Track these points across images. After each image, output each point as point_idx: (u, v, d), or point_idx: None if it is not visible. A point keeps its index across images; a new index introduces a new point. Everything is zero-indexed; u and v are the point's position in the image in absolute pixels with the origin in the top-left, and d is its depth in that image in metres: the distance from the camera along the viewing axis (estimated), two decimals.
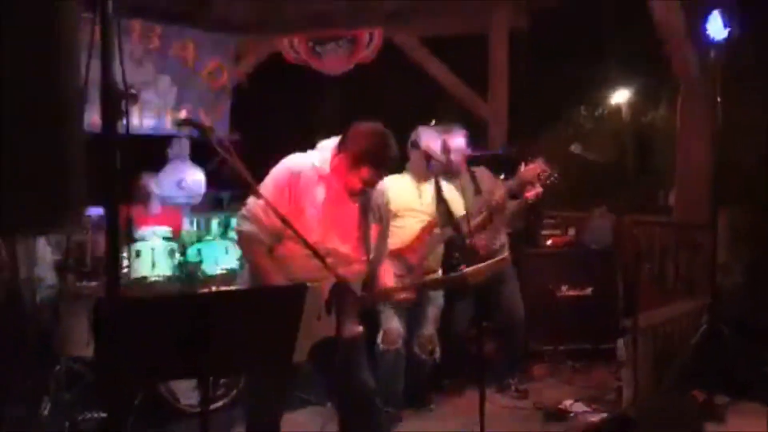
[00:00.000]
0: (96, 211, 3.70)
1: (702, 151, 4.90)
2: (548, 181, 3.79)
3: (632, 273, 4.57)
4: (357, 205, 2.52)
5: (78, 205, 1.23)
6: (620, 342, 3.84)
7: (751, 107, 5.06)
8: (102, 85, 1.34)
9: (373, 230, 2.59)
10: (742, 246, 4.99)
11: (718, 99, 3.91)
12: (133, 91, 1.44)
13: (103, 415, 3.36)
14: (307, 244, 2.14)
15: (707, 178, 4.73)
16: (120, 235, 1.55)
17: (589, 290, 4.69)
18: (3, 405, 3.42)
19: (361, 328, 2.57)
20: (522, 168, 3.85)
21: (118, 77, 1.39)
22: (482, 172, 4.13)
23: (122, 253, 3.77)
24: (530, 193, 3.83)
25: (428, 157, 3.59)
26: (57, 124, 1.15)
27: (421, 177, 3.69)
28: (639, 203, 6.22)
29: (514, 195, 3.96)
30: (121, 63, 1.37)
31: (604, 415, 3.65)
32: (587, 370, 4.46)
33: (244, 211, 2.45)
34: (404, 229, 3.54)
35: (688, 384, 3.89)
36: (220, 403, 3.48)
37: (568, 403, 3.84)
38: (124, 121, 1.44)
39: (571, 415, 3.72)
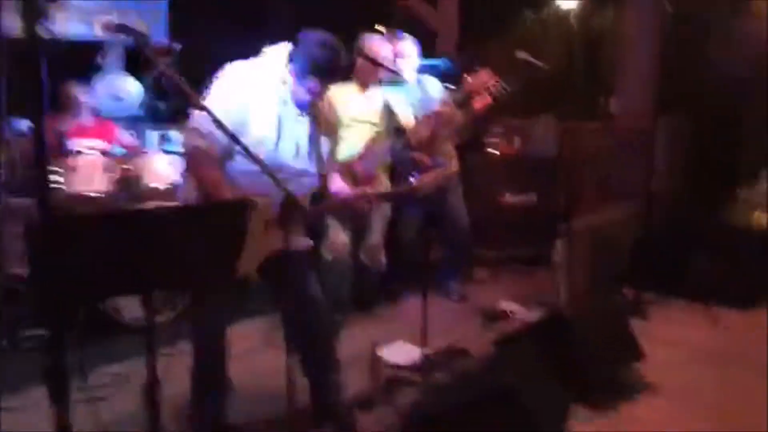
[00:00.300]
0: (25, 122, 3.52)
1: (645, 57, 4.93)
2: (496, 92, 3.77)
3: (573, 179, 4.69)
4: (306, 117, 2.46)
5: None
6: (557, 244, 3.99)
7: (699, 15, 5.07)
8: None
9: (322, 142, 2.55)
10: (679, 153, 5.17)
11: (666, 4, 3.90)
12: None
13: (44, 332, 3.32)
14: (256, 159, 2.09)
15: (649, 84, 4.79)
16: (47, 147, 1.48)
17: (533, 197, 4.81)
18: None
19: (309, 242, 2.59)
20: (467, 78, 3.80)
21: None
22: (430, 81, 4.07)
23: (54, 167, 3.63)
24: (479, 104, 3.80)
25: (376, 64, 3.50)
26: None
27: (367, 85, 3.62)
28: (583, 110, 6.29)
29: (460, 105, 3.94)
30: None
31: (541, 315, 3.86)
32: (528, 274, 4.65)
33: (190, 124, 2.35)
34: (351, 140, 3.50)
35: (620, 283, 4.12)
36: (165, 318, 3.48)
37: (506, 304, 3.99)
38: (47, 24, 1.33)
39: (510, 316, 3.88)
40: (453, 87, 4.07)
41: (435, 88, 4.06)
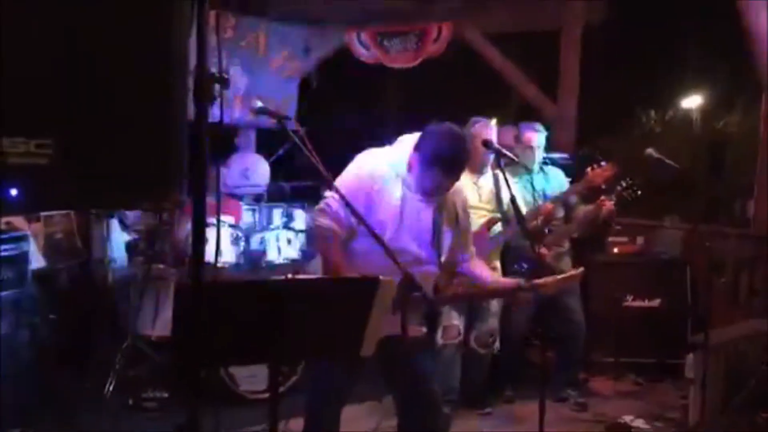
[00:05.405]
0: None
1: None
2: (628, 195, 3.69)
3: (704, 286, 4.37)
4: (432, 204, 2.48)
5: (178, 184, 1.26)
6: (689, 358, 3.67)
7: None
8: (196, 70, 1.35)
9: (447, 231, 2.54)
10: None
11: None
12: (225, 75, 1.44)
13: (165, 394, 3.44)
14: (380, 242, 2.11)
15: None
16: (204, 221, 1.56)
17: (656, 302, 4.51)
18: (72, 379, 3.54)
19: (424, 329, 2.54)
20: (590, 171, 3.73)
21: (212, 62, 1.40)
22: (554, 172, 4.03)
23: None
24: (606, 205, 3.71)
25: (496, 151, 3.52)
26: (165, 107, 1.17)
27: (477, 171, 3.63)
28: (711, 213, 5.95)
29: (583, 198, 3.87)
30: (218, 48, 1.37)
31: None
32: (650, 386, 4.30)
33: (322, 204, 2.44)
34: None
35: (757, 406, 3.69)
36: (280, 390, 3.49)
37: (629, 418, 3.71)
38: (217, 108, 1.45)
39: (632, 430, 3.59)
40: (573, 180, 4.01)
41: (558, 179, 4.01)
